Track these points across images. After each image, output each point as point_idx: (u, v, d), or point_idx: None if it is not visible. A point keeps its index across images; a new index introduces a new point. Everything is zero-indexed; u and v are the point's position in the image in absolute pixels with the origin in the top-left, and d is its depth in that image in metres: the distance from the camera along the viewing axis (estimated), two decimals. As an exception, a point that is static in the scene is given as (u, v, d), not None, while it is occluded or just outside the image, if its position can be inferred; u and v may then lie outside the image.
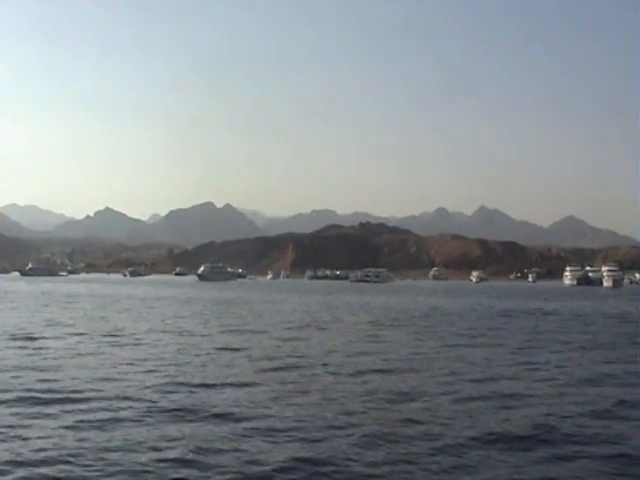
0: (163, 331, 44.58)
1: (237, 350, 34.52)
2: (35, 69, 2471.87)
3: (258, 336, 42.49)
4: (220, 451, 15.76)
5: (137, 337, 40.46)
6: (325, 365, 29.15)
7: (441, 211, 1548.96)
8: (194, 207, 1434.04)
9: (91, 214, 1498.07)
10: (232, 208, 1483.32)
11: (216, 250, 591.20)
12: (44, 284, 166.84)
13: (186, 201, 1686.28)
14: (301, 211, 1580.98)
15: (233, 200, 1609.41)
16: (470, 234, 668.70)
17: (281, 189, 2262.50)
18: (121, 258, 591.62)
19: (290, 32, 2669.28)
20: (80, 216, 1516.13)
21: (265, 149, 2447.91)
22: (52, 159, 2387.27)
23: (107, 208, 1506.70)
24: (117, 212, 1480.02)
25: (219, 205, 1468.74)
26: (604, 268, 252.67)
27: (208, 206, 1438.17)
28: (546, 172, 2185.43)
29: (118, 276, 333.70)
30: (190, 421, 18.63)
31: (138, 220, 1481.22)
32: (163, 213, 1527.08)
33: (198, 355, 32.32)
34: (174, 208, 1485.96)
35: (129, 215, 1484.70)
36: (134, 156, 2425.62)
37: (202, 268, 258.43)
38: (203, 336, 41.99)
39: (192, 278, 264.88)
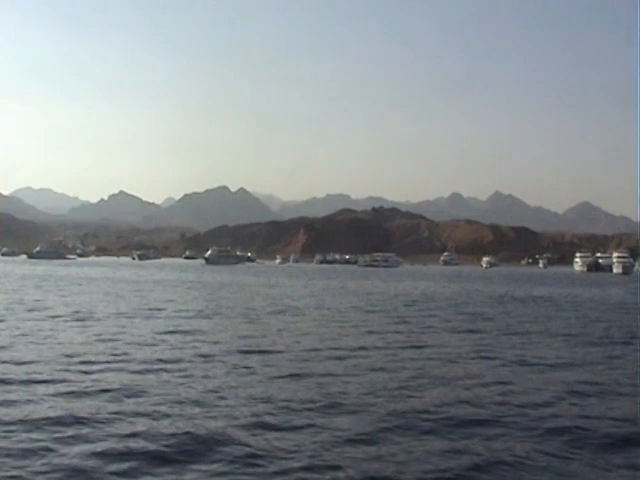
0: (132, 315, 43.26)
1: (195, 333, 33.66)
2: (52, 54, 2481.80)
3: (227, 321, 41.31)
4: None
5: (99, 320, 39.52)
6: (266, 352, 28.01)
7: (456, 196, 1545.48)
8: (208, 191, 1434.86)
9: (105, 198, 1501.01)
10: (246, 192, 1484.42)
11: (228, 234, 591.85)
12: (45, 267, 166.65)
13: (201, 185, 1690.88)
14: (316, 195, 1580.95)
15: (248, 184, 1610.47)
16: (484, 219, 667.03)
17: (296, 173, 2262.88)
18: (133, 242, 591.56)
19: (307, 16, 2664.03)
20: (95, 200, 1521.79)
21: (280, 133, 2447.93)
22: (67, 143, 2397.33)
23: (121, 192, 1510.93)
24: (132, 196, 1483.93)
25: (233, 189, 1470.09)
26: (614, 254, 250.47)
27: (222, 190, 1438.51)
28: (561, 158, 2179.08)
29: (127, 259, 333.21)
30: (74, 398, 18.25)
31: (152, 204, 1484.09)
32: (178, 197, 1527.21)
33: (152, 337, 31.59)
34: (189, 192, 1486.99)
35: (143, 199, 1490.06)
36: (149, 140, 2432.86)
37: (209, 252, 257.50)
38: (169, 318, 40.97)
39: (200, 262, 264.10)
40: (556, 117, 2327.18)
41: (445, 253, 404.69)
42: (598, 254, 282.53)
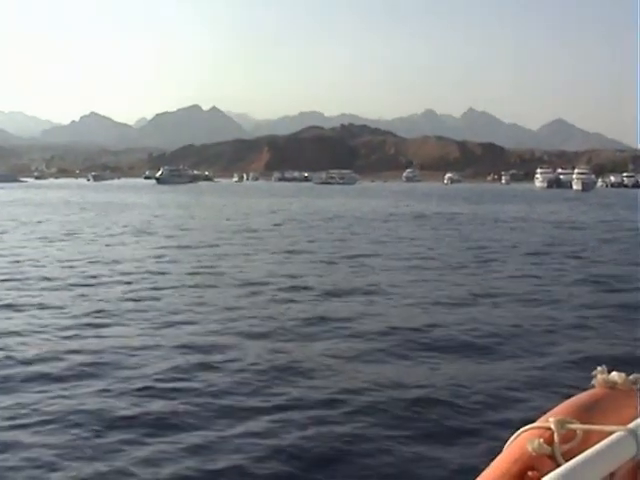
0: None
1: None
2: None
3: (71, 242, 37.21)
4: None
5: None
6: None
7: (429, 113, 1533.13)
8: (180, 110, 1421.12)
9: (77, 119, 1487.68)
10: (219, 111, 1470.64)
11: (195, 153, 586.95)
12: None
13: (173, 104, 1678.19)
14: (289, 113, 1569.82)
15: (220, 103, 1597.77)
16: (457, 137, 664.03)
17: (270, 91, 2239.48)
18: (97, 163, 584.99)
19: None
20: (66, 122, 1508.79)
21: (254, 50, 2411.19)
22: (36, 61, 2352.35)
23: (93, 113, 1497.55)
24: (103, 117, 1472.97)
25: (206, 107, 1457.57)
26: (575, 171, 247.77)
27: (194, 109, 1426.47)
28: (537, 73, 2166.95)
29: (83, 181, 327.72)
30: None
31: (124, 124, 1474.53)
32: (150, 117, 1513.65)
33: None
34: (160, 111, 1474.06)
35: (115, 119, 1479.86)
36: (121, 58, 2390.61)
37: (160, 171, 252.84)
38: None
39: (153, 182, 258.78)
40: (531, 31, 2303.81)
41: (408, 169, 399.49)
42: (559, 170, 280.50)
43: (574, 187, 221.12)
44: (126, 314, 17.93)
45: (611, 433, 1.80)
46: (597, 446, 1.74)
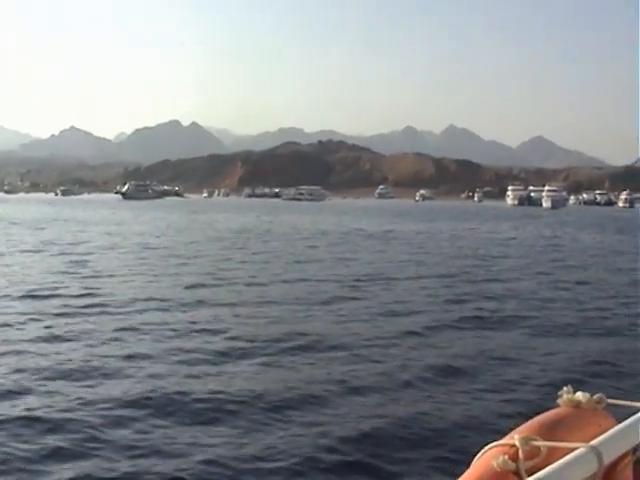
0: None
1: None
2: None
3: None
4: None
5: None
6: None
7: (409, 130, 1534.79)
8: (160, 125, 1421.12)
9: (56, 133, 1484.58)
10: (199, 126, 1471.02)
11: (170, 168, 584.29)
12: None
13: (153, 119, 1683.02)
14: (269, 129, 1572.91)
15: (201, 118, 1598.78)
16: (436, 153, 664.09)
17: (251, 107, 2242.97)
18: (72, 178, 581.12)
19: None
20: (46, 136, 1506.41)
21: (234, 66, 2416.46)
22: (17, 74, 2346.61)
23: (72, 127, 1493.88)
24: (83, 131, 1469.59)
25: (186, 123, 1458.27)
26: (545, 188, 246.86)
27: (174, 124, 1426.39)
28: (517, 90, 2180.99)
29: (52, 196, 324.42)
30: None
31: (104, 139, 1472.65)
32: (129, 132, 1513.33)
33: None
34: (140, 126, 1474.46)
35: (95, 134, 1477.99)
36: (104, 72, 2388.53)
37: (126, 186, 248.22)
38: None
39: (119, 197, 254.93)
40: (513, 48, 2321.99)
41: (380, 186, 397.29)
42: (531, 187, 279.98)
43: (544, 204, 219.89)
44: None
45: (574, 450, 1.87)
46: (560, 462, 1.81)
